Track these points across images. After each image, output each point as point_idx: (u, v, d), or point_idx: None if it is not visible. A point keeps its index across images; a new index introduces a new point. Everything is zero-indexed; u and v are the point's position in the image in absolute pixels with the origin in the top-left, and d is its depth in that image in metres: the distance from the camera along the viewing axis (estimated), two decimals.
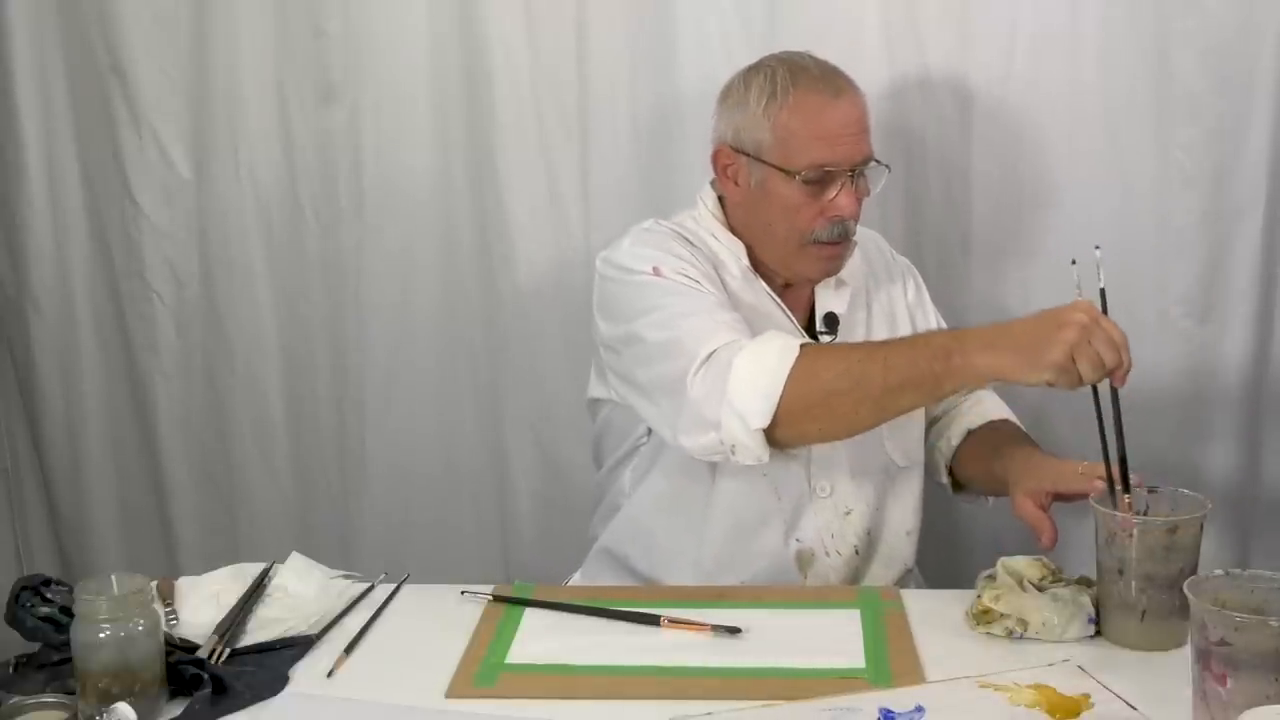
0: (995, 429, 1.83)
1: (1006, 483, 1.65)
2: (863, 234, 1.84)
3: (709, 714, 1.29)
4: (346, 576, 1.66)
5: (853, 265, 1.79)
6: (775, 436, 1.53)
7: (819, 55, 1.73)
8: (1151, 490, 1.49)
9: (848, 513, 1.74)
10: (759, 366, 1.52)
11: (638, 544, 1.78)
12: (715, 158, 1.74)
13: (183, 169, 2.24)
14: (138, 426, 2.36)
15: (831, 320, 1.77)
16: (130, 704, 1.23)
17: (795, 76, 1.67)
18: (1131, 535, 1.42)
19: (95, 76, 2.21)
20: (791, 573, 1.72)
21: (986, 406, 1.86)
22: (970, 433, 1.83)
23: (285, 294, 2.28)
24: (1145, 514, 1.46)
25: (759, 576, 1.71)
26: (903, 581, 1.78)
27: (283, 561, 1.67)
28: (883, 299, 1.85)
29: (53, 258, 2.29)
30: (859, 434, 1.59)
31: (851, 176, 1.68)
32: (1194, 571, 1.39)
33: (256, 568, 1.66)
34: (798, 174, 1.66)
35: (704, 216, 1.78)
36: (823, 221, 1.68)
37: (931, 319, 1.89)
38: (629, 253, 1.71)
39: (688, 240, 1.73)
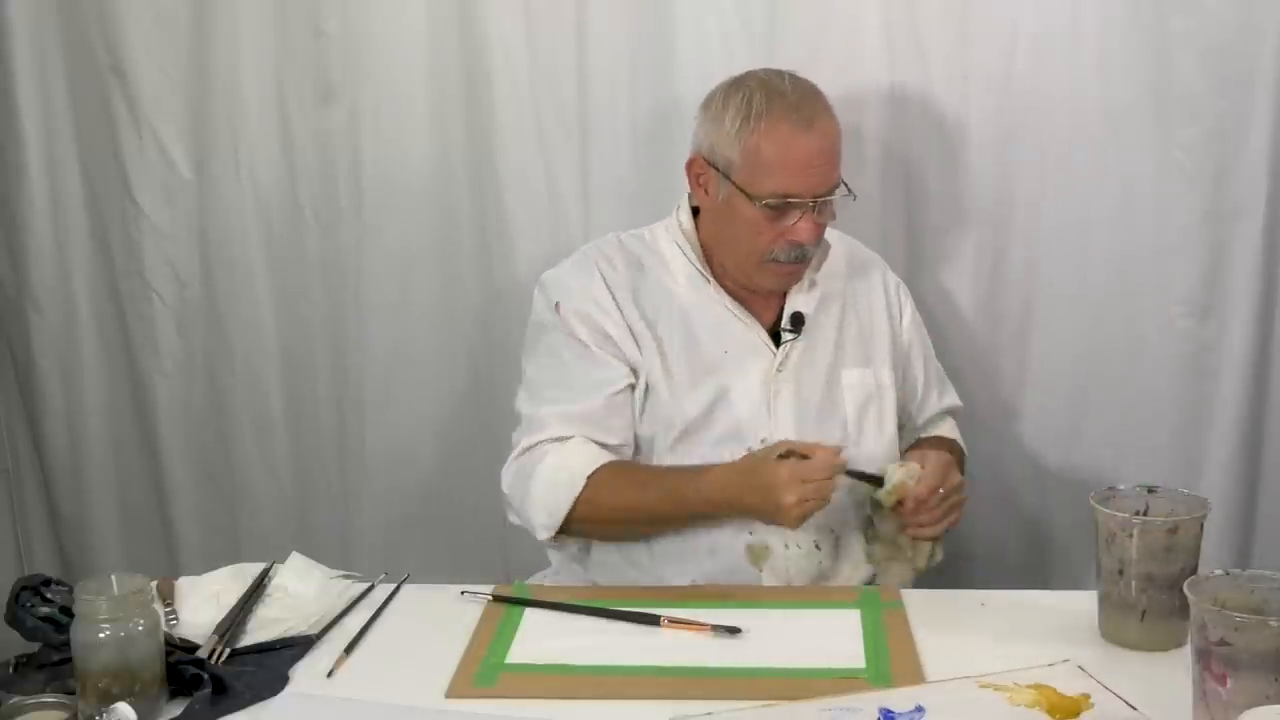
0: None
1: None
2: (860, 252, 1.90)
3: (709, 714, 1.29)
4: (346, 576, 1.67)
5: (832, 267, 1.83)
6: (569, 533, 1.74)
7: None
8: (1151, 490, 1.49)
9: None
10: (554, 487, 1.70)
11: (589, 557, 1.82)
12: (689, 166, 1.79)
13: (183, 169, 2.24)
14: (138, 426, 2.36)
15: (797, 319, 1.79)
16: (130, 704, 1.24)
17: (770, 102, 1.69)
18: (1131, 535, 1.42)
19: (95, 76, 2.21)
20: (743, 567, 1.74)
21: (940, 430, 1.91)
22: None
23: (285, 294, 2.28)
24: (1145, 514, 1.46)
25: (711, 573, 1.73)
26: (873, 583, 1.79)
27: (283, 561, 1.67)
28: (863, 312, 1.86)
29: (53, 258, 2.29)
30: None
31: (814, 205, 1.70)
32: (1194, 571, 1.39)
33: (256, 568, 1.66)
34: (761, 200, 1.69)
35: (672, 225, 1.84)
36: (782, 244, 1.72)
37: (916, 342, 1.91)
38: (556, 278, 1.83)
39: (631, 257, 1.81)
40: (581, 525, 1.72)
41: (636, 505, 1.70)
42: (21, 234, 2.28)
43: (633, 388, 1.77)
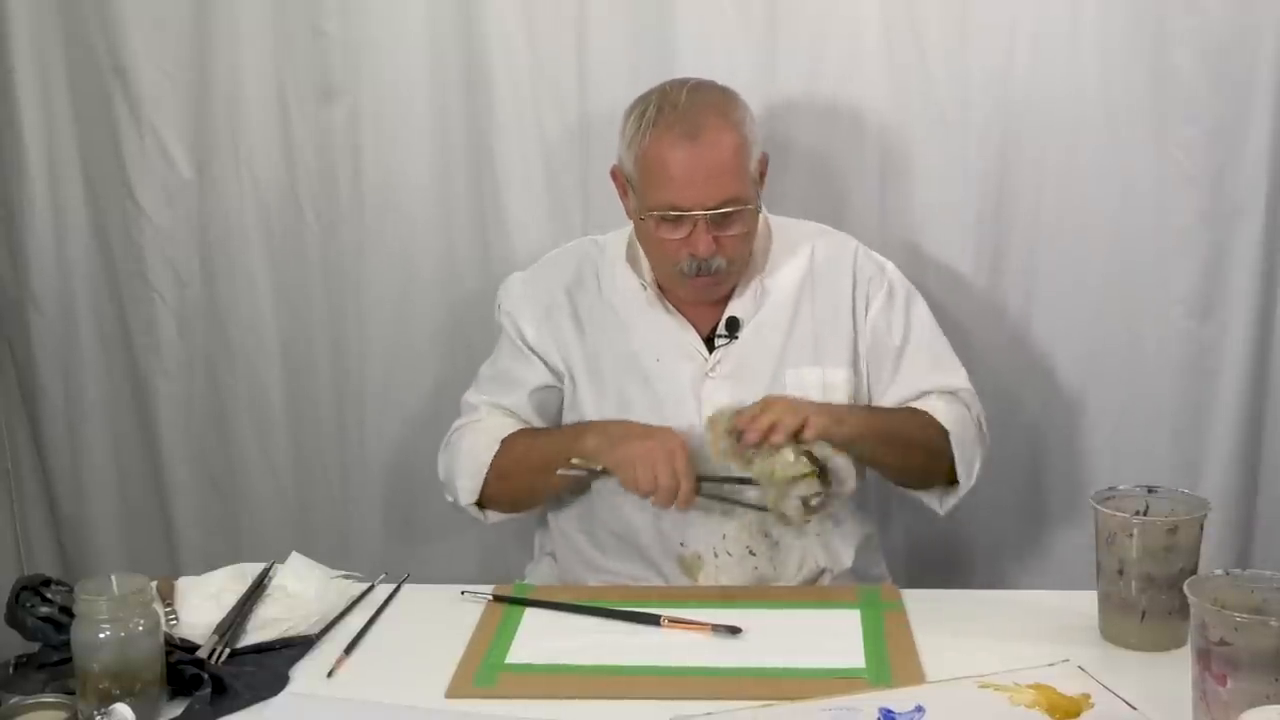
0: None
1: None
2: (830, 245, 1.86)
3: (709, 714, 1.29)
4: (346, 576, 1.67)
5: (795, 265, 1.82)
6: (488, 506, 1.82)
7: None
8: (1151, 490, 1.49)
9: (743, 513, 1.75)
10: (474, 451, 1.79)
11: (560, 547, 1.87)
12: (613, 176, 1.81)
13: (183, 169, 2.23)
14: (138, 426, 2.35)
15: (733, 324, 1.80)
16: (130, 704, 1.23)
17: (659, 114, 1.70)
18: (1131, 535, 1.42)
19: (96, 77, 2.21)
20: (680, 579, 1.76)
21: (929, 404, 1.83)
22: None
23: (285, 294, 2.28)
24: (1145, 514, 1.46)
25: (649, 578, 1.77)
26: (819, 581, 1.79)
27: (283, 561, 1.67)
28: (823, 309, 1.82)
29: (54, 258, 2.29)
30: (541, 504, 1.88)
31: (707, 219, 1.69)
32: (1194, 571, 1.39)
33: (256, 568, 1.66)
34: (651, 212, 1.71)
35: (623, 234, 1.87)
36: (683, 256, 1.72)
37: (896, 329, 1.84)
38: (509, 283, 1.91)
39: (582, 267, 1.86)
40: (497, 486, 1.79)
41: (526, 456, 1.77)
42: (22, 234, 2.28)
43: (555, 390, 1.84)
